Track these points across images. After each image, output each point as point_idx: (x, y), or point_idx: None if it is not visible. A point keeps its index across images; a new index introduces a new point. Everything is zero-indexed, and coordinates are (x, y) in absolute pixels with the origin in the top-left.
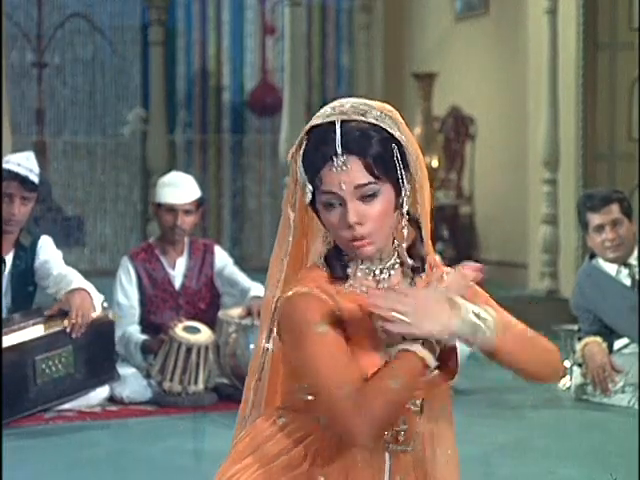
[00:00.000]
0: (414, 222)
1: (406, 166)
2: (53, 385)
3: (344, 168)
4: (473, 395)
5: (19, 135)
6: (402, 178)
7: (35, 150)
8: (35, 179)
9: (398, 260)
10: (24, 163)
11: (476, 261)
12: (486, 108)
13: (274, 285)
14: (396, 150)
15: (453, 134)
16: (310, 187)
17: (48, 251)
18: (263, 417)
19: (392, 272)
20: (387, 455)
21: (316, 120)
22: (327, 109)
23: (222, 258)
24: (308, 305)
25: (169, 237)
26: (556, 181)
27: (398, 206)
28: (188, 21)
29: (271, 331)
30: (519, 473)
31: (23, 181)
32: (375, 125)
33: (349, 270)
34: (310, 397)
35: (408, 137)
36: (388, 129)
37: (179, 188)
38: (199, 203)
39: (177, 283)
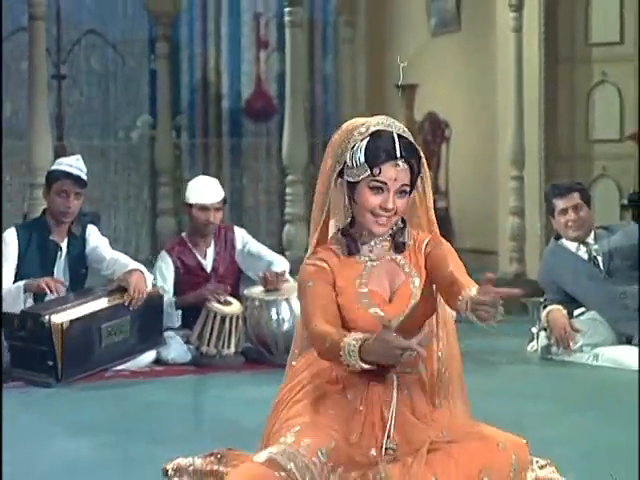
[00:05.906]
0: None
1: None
2: (113, 348)
3: (403, 168)
4: None
5: None
6: (413, 190)
7: (55, 153)
8: (85, 177)
9: (388, 238)
10: (74, 164)
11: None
12: (460, 114)
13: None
14: (423, 171)
15: (430, 136)
16: (368, 170)
17: (96, 238)
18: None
19: (384, 244)
20: (395, 376)
21: (378, 127)
22: (384, 120)
23: (242, 238)
24: (307, 270)
25: (202, 232)
26: (522, 178)
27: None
28: (191, 36)
29: None
30: (498, 412)
31: (76, 179)
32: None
33: (359, 245)
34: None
35: (426, 166)
36: (422, 157)
37: (209, 189)
38: (224, 201)
39: (208, 268)
